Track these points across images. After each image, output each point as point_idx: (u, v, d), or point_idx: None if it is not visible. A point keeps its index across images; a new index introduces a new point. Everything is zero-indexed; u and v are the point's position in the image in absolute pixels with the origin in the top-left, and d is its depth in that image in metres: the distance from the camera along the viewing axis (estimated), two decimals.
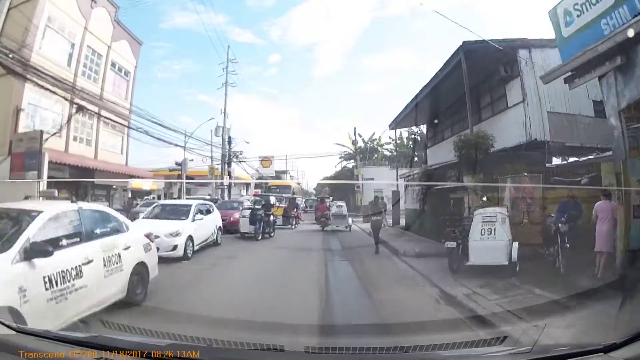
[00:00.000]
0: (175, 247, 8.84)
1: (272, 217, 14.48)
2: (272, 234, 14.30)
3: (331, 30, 79.78)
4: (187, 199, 18.99)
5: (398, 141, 35.80)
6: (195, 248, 9.81)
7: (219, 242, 11.73)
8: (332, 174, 43.04)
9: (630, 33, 5.35)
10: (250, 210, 13.57)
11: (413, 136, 33.17)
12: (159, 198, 26.40)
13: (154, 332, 2.96)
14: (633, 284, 4.79)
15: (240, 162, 26.57)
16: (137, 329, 3.09)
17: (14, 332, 2.16)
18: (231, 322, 4.23)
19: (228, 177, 24.42)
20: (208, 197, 21.36)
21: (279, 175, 39.67)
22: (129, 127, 17.78)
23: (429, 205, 13.89)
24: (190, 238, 9.43)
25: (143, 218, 10.48)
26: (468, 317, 4.77)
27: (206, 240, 10.75)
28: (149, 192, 25.06)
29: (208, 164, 26.19)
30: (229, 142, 25.14)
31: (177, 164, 23.02)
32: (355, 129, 39.74)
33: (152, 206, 11.63)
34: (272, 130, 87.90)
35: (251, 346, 2.28)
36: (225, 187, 23.79)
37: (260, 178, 35.50)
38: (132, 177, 20.01)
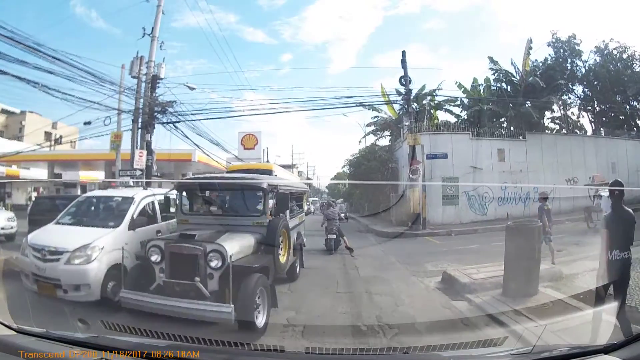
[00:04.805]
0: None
1: None
2: None
3: (344, 29, 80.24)
4: None
5: (467, 94, 19.38)
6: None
7: None
8: (353, 156, 23.13)
9: None
10: None
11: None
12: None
13: (154, 332, 2.95)
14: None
15: (171, 124, 12.96)
16: (137, 329, 3.08)
17: (14, 332, 2.16)
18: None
19: (144, 153, 12.13)
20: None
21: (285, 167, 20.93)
22: None
23: None
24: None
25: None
26: (468, 317, 4.76)
27: None
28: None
29: (114, 129, 12.92)
30: (152, 87, 12.59)
31: None
32: (404, 53, 15.91)
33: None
34: (283, 129, 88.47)
35: (251, 347, 2.27)
36: (138, 170, 11.52)
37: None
38: None
